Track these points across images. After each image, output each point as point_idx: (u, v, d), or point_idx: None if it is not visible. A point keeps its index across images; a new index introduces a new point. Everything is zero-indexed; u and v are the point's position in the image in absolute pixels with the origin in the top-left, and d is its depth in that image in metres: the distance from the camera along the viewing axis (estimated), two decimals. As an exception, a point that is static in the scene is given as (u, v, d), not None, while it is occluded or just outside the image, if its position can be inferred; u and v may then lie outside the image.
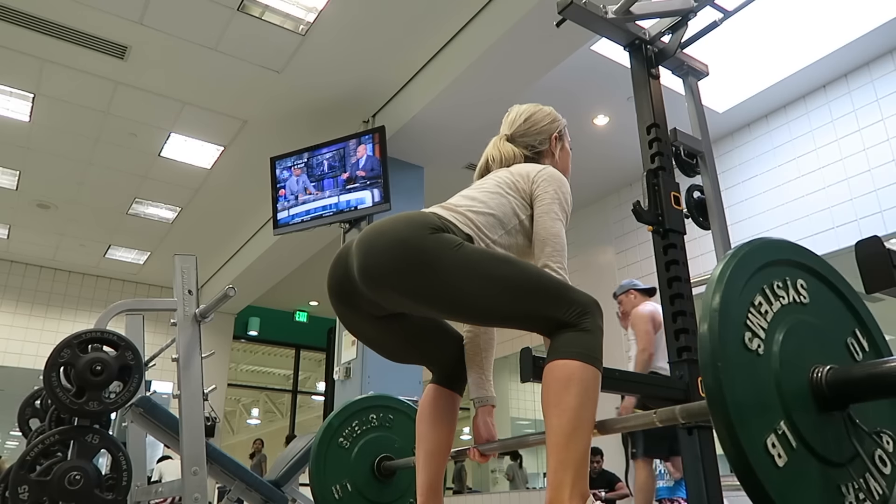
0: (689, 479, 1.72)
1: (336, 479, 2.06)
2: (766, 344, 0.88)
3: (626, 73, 2.16)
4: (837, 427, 0.88)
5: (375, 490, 2.08)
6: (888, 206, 4.38)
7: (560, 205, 1.52)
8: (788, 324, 0.91)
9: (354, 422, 2.17)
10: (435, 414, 1.55)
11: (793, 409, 0.84)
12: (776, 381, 0.85)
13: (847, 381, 0.86)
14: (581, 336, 1.28)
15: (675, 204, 1.91)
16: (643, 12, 2.04)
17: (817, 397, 0.87)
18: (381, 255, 1.31)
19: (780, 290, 0.94)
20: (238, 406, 13.21)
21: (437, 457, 1.53)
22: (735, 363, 0.83)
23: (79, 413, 2.29)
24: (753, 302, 0.90)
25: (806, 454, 0.83)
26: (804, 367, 0.89)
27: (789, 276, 0.96)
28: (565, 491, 1.17)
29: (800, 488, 0.81)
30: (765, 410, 0.82)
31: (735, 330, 0.85)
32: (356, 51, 4.66)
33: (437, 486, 1.53)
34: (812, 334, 0.94)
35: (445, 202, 1.52)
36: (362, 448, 2.12)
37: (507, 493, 7.26)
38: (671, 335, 1.83)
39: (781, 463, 0.80)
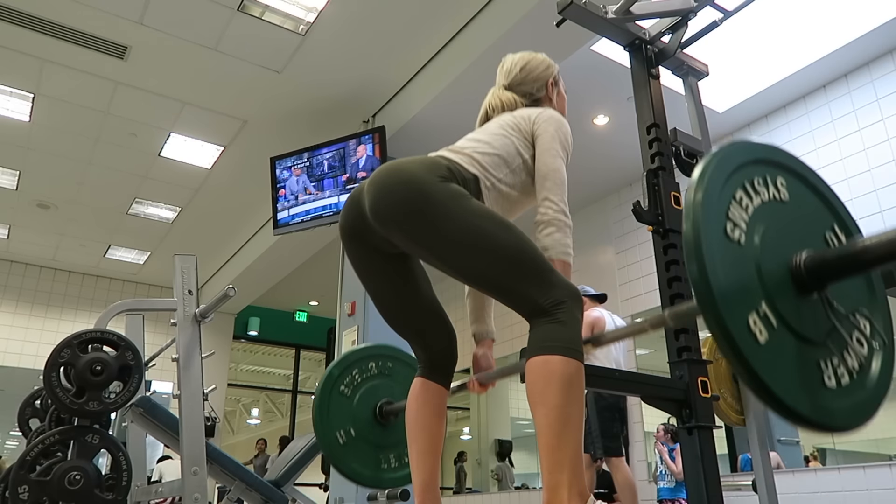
0: (689, 479, 1.72)
1: (339, 425, 2.12)
2: (747, 235, 0.94)
3: (626, 73, 2.17)
4: (816, 309, 0.94)
5: (378, 434, 2.15)
6: (888, 206, 4.38)
7: (560, 143, 1.57)
8: (769, 217, 0.98)
9: (354, 370, 2.21)
10: (424, 412, 1.54)
11: (773, 292, 0.91)
12: (757, 267, 0.92)
13: (823, 262, 0.93)
14: (559, 328, 1.27)
15: (675, 204, 1.91)
16: (643, 12, 2.04)
17: (796, 281, 0.93)
18: (388, 196, 1.36)
19: (760, 187, 1.00)
20: (238, 406, 13.21)
21: (430, 455, 1.52)
22: (717, 250, 0.89)
23: (79, 413, 2.29)
24: (735, 196, 0.95)
25: (786, 332, 0.90)
26: (784, 254, 0.95)
27: (769, 174, 1.02)
28: (563, 492, 1.16)
29: (780, 363, 0.88)
30: (746, 294, 0.89)
31: (717, 221, 0.91)
32: (356, 51, 4.66)
33: (434, 484, 1.52)
34: (792, 228, 1.00)
35: (452, 145, 1.56)
36: (363, 395, 2.17)
37: (508, 493, 7.26)
38: (671, 335, 1.83)
39: (763, 340, 0.86)
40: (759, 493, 1.87)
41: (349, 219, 1.48)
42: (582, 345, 1.29)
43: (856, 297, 1.03)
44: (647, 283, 5.86)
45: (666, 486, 4.96)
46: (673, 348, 1.81)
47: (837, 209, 1.09)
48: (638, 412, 5.83)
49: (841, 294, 0.97)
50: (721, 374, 2.10)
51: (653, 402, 1.76)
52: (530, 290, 1.31)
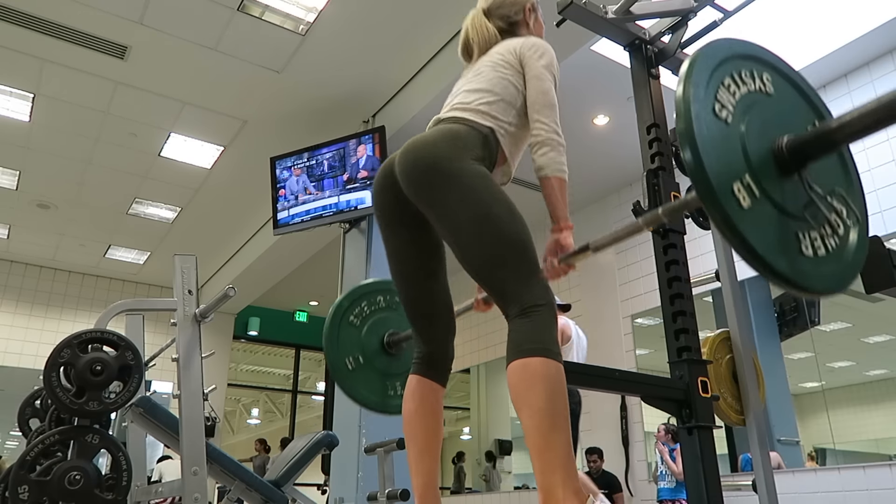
0: (689, 479, 1.72)
1: (348, 352, 2.22)
2: (733, 116, 1.03)
3: (626, 73, 2.17)
4: (796, 187, 1.04)
5: (385, 362, 2.24)
6: (888, 206, 4.38)
7: (546, 66, 1.61)
8: (754, 106, 1.06)
9: (363, 302, 2.30)
10: (422, 412, 1.54)
11: (756, 168, 1.00)
12: (742, 145, 1.01)
13: (803, 141, 1.02)
14: (535, 330, 1.30)
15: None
16: (643, 12, 2.04)
17: (778, 161, 1.03)
18: (415, 178, 1.44)
19: (746, 78, 1.09)
20: (238, 406, 13.21)
21: (429, 455, 1.53)
22: (706, 124, 0.98)
23: (79, 413, 2.29)
24: (723, 82, 1.04)
25: (767, 203, 0.99)
26: (767, 138, 1.04)
27: (755, 69, 1.11)
28: (558, 492, 1.16)
29: (762, 227, 0.97)
30: (732, 165, 0.98)
31: (706, 100, 1.00)
32: (356, 51, 4.66)
33: (433, 484, 1.52)
34: (776, 118, 1.08)
35: (456, 102, 1.60)
36: (371, 326, 2.27)
37: (508, 493, 7.27)
38: (671, 335, 1.83)
39: (746, 205, 0.96)
40: (759, 493, 1.87)
41: (382, 188, 1.55)
42: (558, 346, 1.32)
43: (833, 178, 1.14)
44: (647, 283, 5.86)
45: (666, 486, 4.96)
46: (673, 348, 1.81)
47: (820, 108, 1.18)
48: (638, 412, 5.83)
49: (820, 176, 1.08)
50: (721, 374, 2.10)
51: (653, 402, 1.77)
52: (517, 286, 1.35)
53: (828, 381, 5.63)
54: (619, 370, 1.76)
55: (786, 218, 1.01)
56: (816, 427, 5.74)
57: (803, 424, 5.55)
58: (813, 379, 5.68)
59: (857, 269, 1.09)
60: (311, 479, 6.78)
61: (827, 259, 1.05)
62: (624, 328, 6.07)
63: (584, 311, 6.44)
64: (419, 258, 1.59)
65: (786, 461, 4.87)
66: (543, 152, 1.51)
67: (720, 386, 2.07)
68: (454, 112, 1.58)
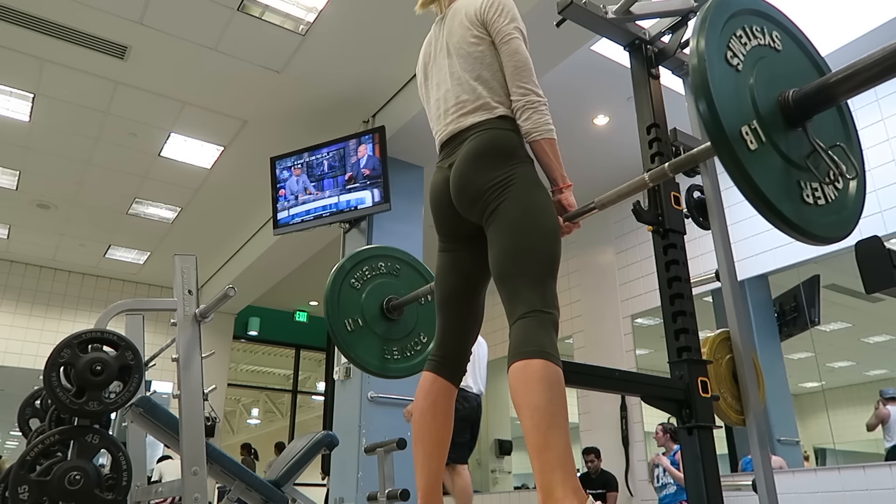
0: (689, 479, 1.72)
1: (348, 314, 2.25)
2: (744, 65, 1.07)
3: (626, 73, 2.16)
4: (800, 139, 1.09)
5: (384, 327, 2.28)
6: (888, 206, 4.38)
7: (511, 24, 1.61)
8: (764, 58, 1.12)
9: (365, 267, 2.35)
10: (433, 411, 1.55)
11: (764, 116, 1.05)
12: (751, 93, 1.05)
13: (807, 93, 1.07)
14: (536, 333, 1.33)
15: (675, 204, 1.91)
16: (643, 12, 2.04)
17: (784, 112, 1.07)
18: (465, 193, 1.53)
19: (758, 32, 1.13)
20: (238, 406, 13.21)
21: (436, 457, 1.53)
22: (718, 70, 1.02)
23: (79, 413, 2.29)
24: (735, 33, 1.09)
25: (771, 149, 1.03)
26: (775, 90, 1.08)
27: (765, 25, 1.16)
28: (557, 491, 1.17)
29: (767, 172, 1.01)
30: (741, 109, 1.03)
31: (719, 46, 1.05)
32: (356, 50, 4.66)
33: (437, 486, 1.53)
34: (783, 72, 1.14)
35: (459, 99, 1.62)
36: (372, 290, 2.31)
37: (508, 493, 7.27)
38: (671, 335, 1.83)
39: (752, 147, 1.00)
40: (759, 493, 1.87)
41: (437, 199, 1.63)
42: (558, 351, 1.34)
43: (834, 133, 1.20)
44: (647, 283, 5.86)
45: (667, 493, 4.95)
46: (673, 348, 1.81)
47: (824, 70, 1.23)
48: (638, 412, 5.83)
49: (822, 130, 1.12)
50: (721, 374, 2.10)
51: (653, 402, 1.76)
52: (532, 291, 1.37)
53: (828, 381, 5.63)
54: (619, 370, 1.76)
55: (790, 166, 1.06)
56: (816, 427, 5.74)
57: (803, 424, 5.55)
58: (813, 379, 5.68)
59: (855, 220, 1.14)
60: (311, 480, 6.78)
61: (827, 208, 1.09)
62: (624, 328, 6.07)
63: (584, 311, 6.44)
64: (471, 272, 1.63)
65: (786, 461, 4.87)
66: (527, 116, 1.53)
67: (720, 386, 2.07)
68: (468, 118, 1.60)
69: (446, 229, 1.65)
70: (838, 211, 1.11)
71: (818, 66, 1.24)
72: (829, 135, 1.14)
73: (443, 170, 1.63)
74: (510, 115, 1.56)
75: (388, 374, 2.28)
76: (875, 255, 1.47)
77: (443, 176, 1.62)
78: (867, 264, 1.47)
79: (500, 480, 7.90)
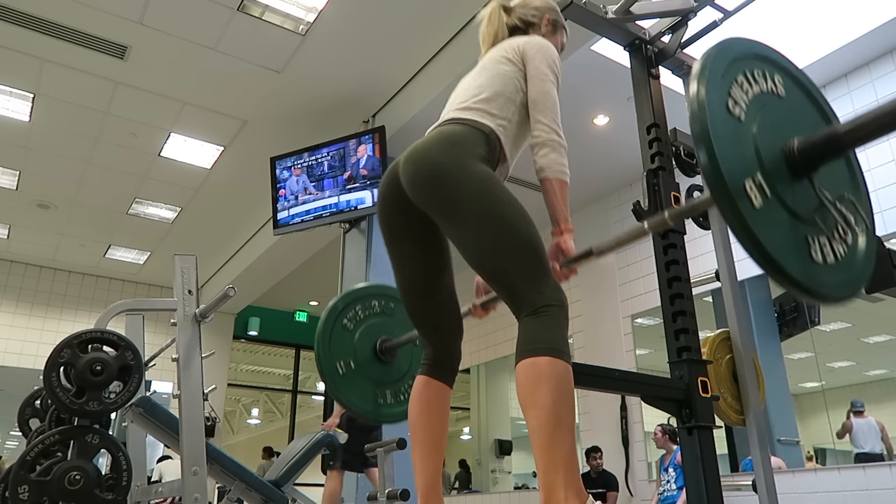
0: (689, 479, 1.72)
1: (339, 356, 2.17)
2: (746, 114, 1.02)
3: (626, 73, 2.17)
4: (806, 191, 1.03)
5: (377, 370, 2.20)
6: (888, 206, 4.38)
7: (549, 66, 1.59)
8: (766, 106, 1.06)
9: (357, 306, 2.27)
10: (428, 412, 1.55)
11: (768, 168, 0.99)
12: (754, 143, 1.00)
13: (813, 144, 1.01)
14: (545, 329, 1.30)
15: (674, 204, 1.91)
16: (643, 12, 2.04)
17: (790, 163, 1.02)
18: (419, 179, 1.45)
19: (759, 78, 1.08)
20: (238, 406, 13.21)
21: (434, 456, 1.53)
22: (719, 119, 0.97)
23: (79, 413, 2.29)
24: (736, 79, 1.04)
25: (777, 204, 0.98)
26: (779, 139, 1.03)
27: (767, 70, 1.10)
28: (559, 492, 1.17)
29: (773, 229, 0.96)
30: (745, 163, 0.97)
31: (720, 95, 1.00)
32: (356, 50, 4.66)
33: (437, 485, 1.52)
34: (786, 120, 1.08)
35: (457, 101, 1.60)
36: (364, 331, 2.23)
37: (508, 493, 7.27)
38: (671, 335, 1.83)
39: (757, 205, 0.95)
40: (759, 493, 1.87)
41: (387, 194, 1.55)
42: (568, 347, 1.31)
43: (842, 184, 1.13)
44: (647, 283, 5.86)
45: (668, 494, 4.95)
46: (673, 348, 1.81)
47: (828, 113, 1.18)
48: (638, 412, 5.83)
49: (829, 181, 1.07)
50: (721, 374, 2.10)
51: (653, 402, 1.76)
52: (526, 287, 1.34)
53: (828, 381, 5.64)
54: (619, 370, 1.76)
55: (796, 221, 1.00)
56: (816, 427, 5.74)
57: (803, 424, 5.55)
58: (813, 379, 5.68)
59: (865, 278, 1.09)
60: (311, 480, 6.78)
61: (837, 266, 1.04)
62: (624, 328, 6.07)
63: (584, 311, 6.44)
64: (425, 265, 1.58)
65: (786, 461, 4.87)
66: (544, 153, 1.51)
67: (720, 386, 2.07)
68: (454, 113, 1.58)
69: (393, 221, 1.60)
70: (847, 268, 1.06)
71: (823, 112, 1.18)
72: (835, 184, 1.10)
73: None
74: (492, 133, 1.51)
75: (381, 419, 2.20)
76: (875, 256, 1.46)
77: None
78: (867, 264, 1.46)
79: (500, 480, 7.91)
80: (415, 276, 1.59)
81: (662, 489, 5.00)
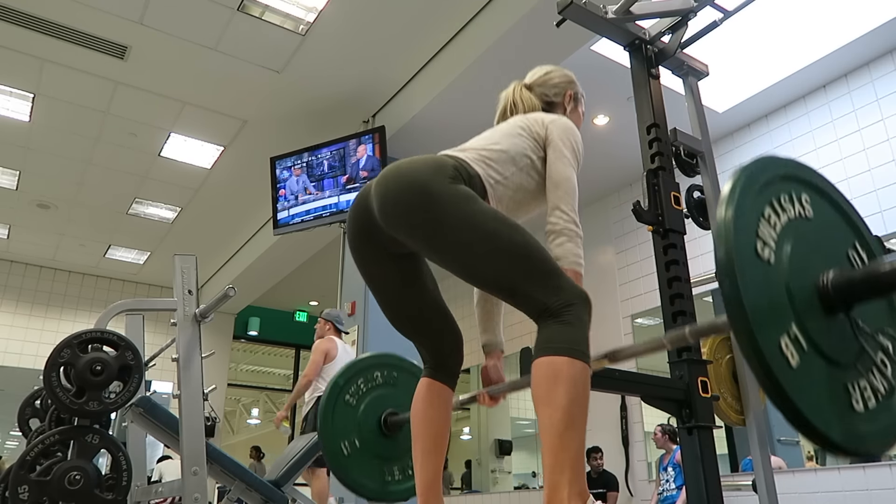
0: (689, 479, 1.72)
1: (344, 435, 2.11)
2: (776, 254, 0.93)
3: (626, 73, 2.17)
4: (843, 329, 0.93)
5: (382, 445, 2.14)
6: (888, 206, 4.38)
7: (572, 151, 1.56)
8: (795, 235, 0.97)
9: (360, 379, 2.21)
10: (430, 411, 1.55)
11: (802, 314, 0.90)
12: (787, 288, 0.91)
13: (850, 281, 0.92)
14: (566, 329, 1.27)
15: (675, 204, 1.91)
16: (643, 12, 2.04)
17: (823, 300, 0.93)
18: (396, 200, 1.37)
19: (786, 204, 1.00)
20: (238, 406, 13.21)
21: (435, 455, 1.53)
22: (749, 271, 0.88)
23: (79, 413, 2.29)
24: (763, 214, 0.95)
25: (815, 356, 0.89)
26: (811, 273, 0.95)
27: (794, 191, 1.02)
28: (563, 491, 1.17)
29: (812, 387, 0.87)
30: (778, 315, 0.88)
31: (748, 240, 0.91)
32: (356, 51, 4.66)
33: (437, 484, 1.53)
34: (817, 246, 0.99)
35: (464, 144, 1.58)
36: (368, 405, 2.17)
37: (508, 493, 7.26)
38: (671, 335, 1.82)
39: (795, 364, 0.85)
40: (759, 493, 1.87)
41: (356, 219, 1.49)
42: (589, 347, 1.29)
43: (879, 316, 1.02)
44: (647, 283, 5.86)
45: (668, 494, 4.95)
46: (673, 348, 1.81)
47: (859, 226, 1.09)
48: (638, 412, 5.83)
49: (865, 314, 0.97)
50: (721, 374, 2.10)
51: (653, 402, 1.76)
52: (539, 292, 1.31)
53: (828, 381, 5.62)
54: (619, 370, 1.76)
55: (835, 369, 0.91)
56: (816, 427, 5.71)
57: (803, 424, 5.53)
58: (813, 379, 5.67)
59: None
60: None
61: (878, 410, 0.94)
62: (624, 328, 6.07)
63: (584, 311, 6.44)
64: (404, 286, 1.55)
65: (786, 461, 4.87)
66: (560, 242, 1.47)
67: (720, 386, 2.07)
68: (450, 150, 1.54)
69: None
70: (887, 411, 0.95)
71: (851, 222, 1.07)
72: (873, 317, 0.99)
73: None
74: (478, 178, 1.45)
75: (389, 498, 2.13)
76: (875, 256, 1.46)
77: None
78: (867, 264, 1.45)
79: (500, 480, 7.90)
80: (394, 298, 1.57)
81: (662, 489, 5.00)
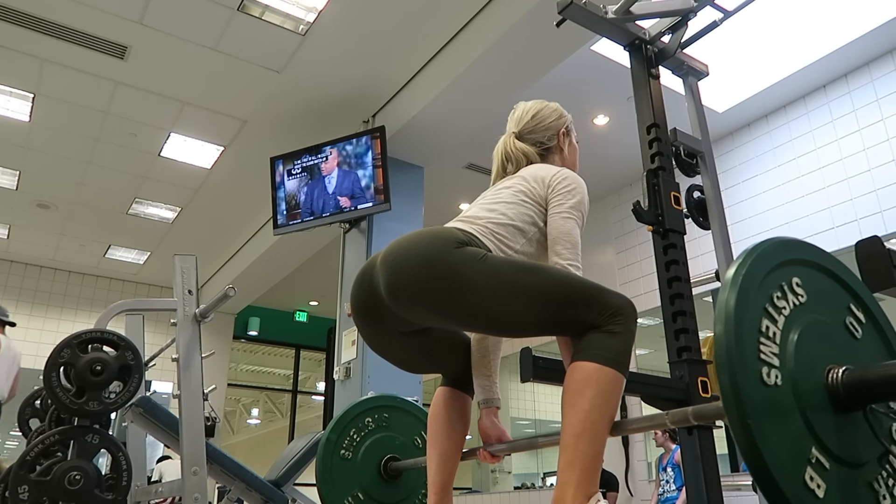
0: (689, 479, 1.72)
1: (346, 491, 2.06)
2: (781, 374, 0.85)
3: (626, 73, 2.16)
4: (858, 425, 0.87)
5: (385, 492, 2.10)
6: (888, 206, 4.38)
7: (574, 204, 1.52)
8: (795, 333, 0.89)
9: (352, 430, 2.17)
10: (448, 414, 1.57)
11: (819, 431, 0.83)
12: (800, 410, 0.83)
13: (863, 382, 0.85)
14: (606, 338, 1.29)
15: (675, 204, 1.91)
16: (643, 12, 2.04)
17: (835, 401, 0.86)
18: (408, 274, 1.32)
19: (780, 302, 0.91)
20: (238, 406, 13.21)
21: (451, 457, 1.55)
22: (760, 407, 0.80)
23: (79, 413, 2.29)
24: (761, 329, 0.87)
25: (839, 469, 0.82)
26: (818, 371, 0.87)
27: (784, 281, 0.93)
28: (569, 490, 1.18)
29: (840, 503, 0.80)
30: (796, 447, 0.80)
31: (753, 371, 0.83)
32: (356, 51, 4.66)
33: (449, 485, 1.55)
34: (817, 331, 0.92)
35: (465, 215, 1.53)
36: (365, 454, 2.13)
37: (508, 493, 7.27)
38: (671, 335, 1.83)
39: (822, 493, 0.79)
40: (759, 493, 1.87)
41: (362, 296, 1.45)
42: (627, 357, 1.29)
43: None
44: (647, 283, 5.86)
45: (668, 495, 4.95)
46: (673, 348, 1.81)
47: (850, 284, 1.03)
48: (638, 412, 5.83)
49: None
50: (721, 375, 2.10)
51: (653, 402, 1.76)
52: (581, 314, 1.31)
53: (828, 381, 5.62)
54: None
55: (858, 472, 0.84)
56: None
57: (803, 424, 5.53)
58: (813, 379, 5.67)
59: None
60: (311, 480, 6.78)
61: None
62: (624, 328, 6.07)
63: (584, 311, 6.44)
64: (419, 356, 1.57)
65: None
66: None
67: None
68: (456, 221, 1.51)
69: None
70: None
71: (845, 285, 1.02)
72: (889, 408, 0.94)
73: None
74: (487, 250, 1.42)
75: None
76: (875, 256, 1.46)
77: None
78: (867, 265, 1.45)
79: (500, 480, 7.90)
80: (408, 362, 1.58)
81: (662, 490, 5.00)
